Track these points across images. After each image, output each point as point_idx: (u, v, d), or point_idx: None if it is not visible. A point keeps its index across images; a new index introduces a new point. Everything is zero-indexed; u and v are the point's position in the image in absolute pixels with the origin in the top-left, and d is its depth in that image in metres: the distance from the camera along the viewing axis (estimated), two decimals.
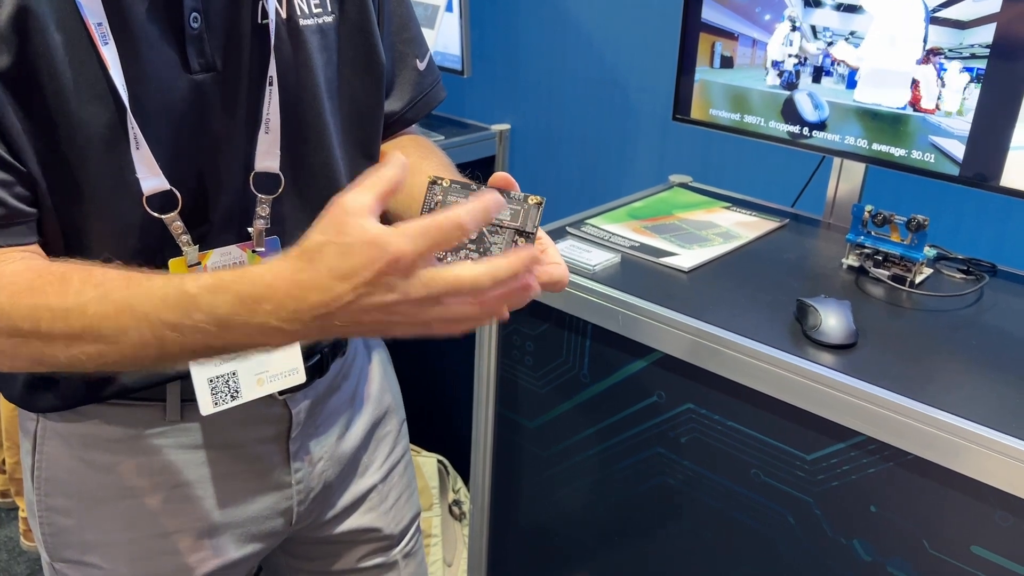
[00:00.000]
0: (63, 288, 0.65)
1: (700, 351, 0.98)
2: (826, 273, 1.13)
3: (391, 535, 1.06)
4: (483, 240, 0.67)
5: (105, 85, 0.69)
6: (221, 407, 0.82)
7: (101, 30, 0.68)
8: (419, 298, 0.57)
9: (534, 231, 0.66)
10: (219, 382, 0.81)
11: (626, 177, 1.85)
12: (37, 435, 0.86)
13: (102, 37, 0.68)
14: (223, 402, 0.82)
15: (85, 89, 0.69)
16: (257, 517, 0.92)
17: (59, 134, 0.69)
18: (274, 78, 0.77)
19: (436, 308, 0.59)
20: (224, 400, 0.82)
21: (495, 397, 1.26)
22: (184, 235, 0.76)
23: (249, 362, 0.82)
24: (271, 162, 0.80)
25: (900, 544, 0.90)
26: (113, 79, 0.69)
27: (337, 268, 0.56)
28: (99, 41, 0.68)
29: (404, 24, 0.94)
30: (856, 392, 0.87)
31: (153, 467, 0.86)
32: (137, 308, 0.62)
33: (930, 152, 1.10)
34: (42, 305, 0.64)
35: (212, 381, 0.81)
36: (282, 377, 0.85)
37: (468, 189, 0.67)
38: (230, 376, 0.82)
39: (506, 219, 0.66)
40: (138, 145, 0.71)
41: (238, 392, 0.83)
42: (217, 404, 0.82)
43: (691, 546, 1.09)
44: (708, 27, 1.25)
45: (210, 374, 0.81)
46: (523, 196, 0.67)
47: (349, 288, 0.56)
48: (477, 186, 0.68)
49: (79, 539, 0.88)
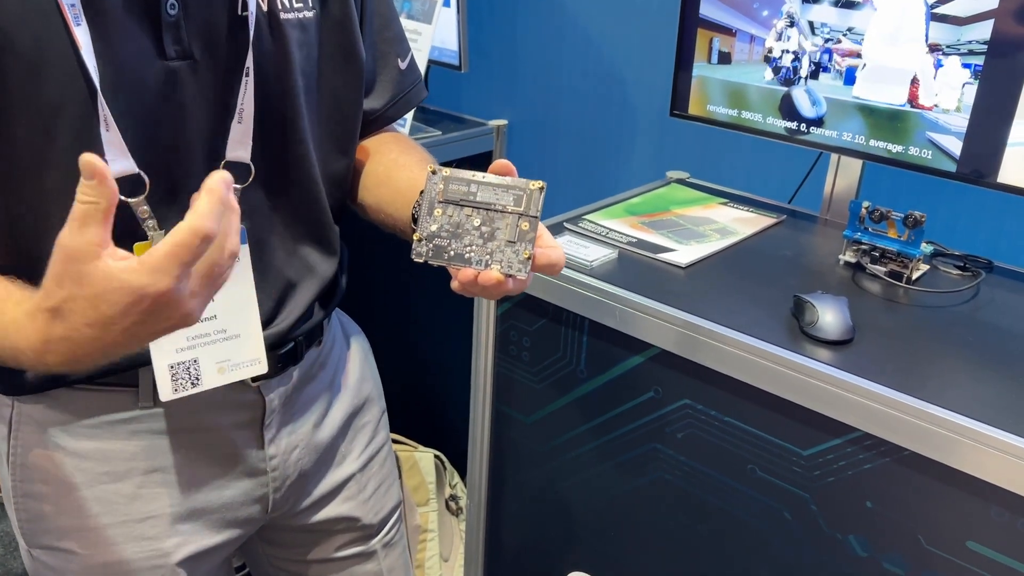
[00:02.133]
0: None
1: (697, 347, 0.98)
2: (823, 269, 1.13)
3: (370, 524, 1.06)
4: (490, 222, 0.69)
5: (76, 65, 0.69)
6: (181, 394, 0.82)
7: (74, 11, 0.68)
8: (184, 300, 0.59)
9: (537, 215, 0.67)
10: (179, 368, 0.81)
11: (623, 173, 1.85)
12: (12, 421, 0.86)
13: (75, 18, 0.68)
14: (183, 389, 0.82)
15: (54, 68, 0.69)
16: (232, 503, 0.92)
17: (21, 112, 0.69)
18: (251, 69, 0.77)
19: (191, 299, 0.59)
20: (184, 387, 0.82)
21: (492, 392, 1.26)
22: (150, 220, 0.76)
23: (211, 350, 0.83)
24: (242, 152, 0.80)
25: (896, 540, 0.90)
26: (84, 59, 0.69)
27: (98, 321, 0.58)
28: (72, 21, 0.68)
29: (386, 23, 0.95)
30: (853, 388, 0.87)
31: (127, 452, 0.86)
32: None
33: (927, 148, 1.10)
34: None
35: (172, 367, 0.81)
36: (244, 366, 0.85)
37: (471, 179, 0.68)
38: (191, 363, 0.82)
39: (510, 204, 0.67)
40: (107, 126, 0.71)
41: (199, 379, 0.83)
42: (177, 391, 0.82)
43: (688, 541, 1.09)
44: (706, 23, 1.25)
45: (171, 360, 0.81)
46: (525, 182, 0.68)
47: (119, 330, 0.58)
48: (480, 174, 0.68)
49: (55, 525, 0.88)
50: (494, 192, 0.68)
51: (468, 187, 0.68)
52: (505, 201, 0.68)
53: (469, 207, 0.69)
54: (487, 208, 0.68)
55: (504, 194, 0.68)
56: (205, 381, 0.83)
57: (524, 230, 0.67)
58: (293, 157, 0.85)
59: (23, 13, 0.67)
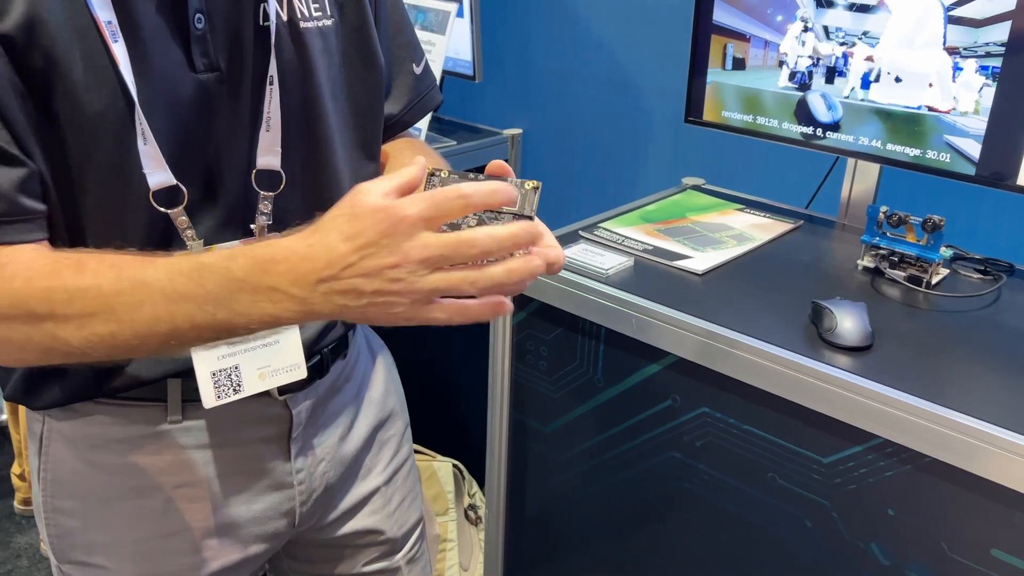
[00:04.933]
0: (79, 269, 0.67)
1: (715, 354, 0.98)
2: (841, 275, 1.13)
3: (394, 538, 1.06)
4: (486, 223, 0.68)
5: (115, 81, 0.70)
6: (224, 400, 0.82)
7: (111, 28, 0.69)
8: (419, 259, 0.59)
9: (532, 215, 0.67)
10: (222, 375, 0.82)
11: (638, 180, 1.85)
12: (43, 437, 0.87)
13: (112, 35, 0.69)
14: (226, 395, 0.82)
15: (95, 85, 0.70)
16: (260, 517, 0.92)
17: (68, 130, 0.70)
18: (274, 78, 0.79)
19: (435, 276, 0.61)
20: (227, 393, 0.82)
21: (509, 402, 1.26)
22: (189, 230, 0.78)
23: (251, 356, 0.83)
24: (272, 159, 0.81)
25: (919, 548, 0.89)
26: (123, 75, 0.70)
27: (344, 230, 0.60)
28: (109, 38, 0.69)
29: (400, 29, 0.96)
30: (873, 395, 0.86)
31: (156, 467, 0.87)
32: (152, 282, 0.65)
33: (945, 152, 1.09)
34: (57, 287, 0.66)
35: (215, 375, 0.82)
36: (284, 372, 0.86)
37: (466, 179, 0.68)
38: (232, 370, 0.82)
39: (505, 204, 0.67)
40: (146, 140, 0.72)
41: (240, 386, 0.83)
42: (220, 397, 0.82)
43: (707, 550, 1.08)
44: (720, 29, 1.25)
45: (213, 367, 0.81)
46: (520, 182, 0.68)
47: (353, 248, 0.60)
48: (475, 175, 0.68)
49: (85, 540, 0.88)
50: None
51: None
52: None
53: None
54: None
55: None
56: (247, 387, 0.83)
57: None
58: (321, 163, 0.86)
59: (65, 32, 0.68)
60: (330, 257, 0.60)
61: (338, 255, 0.60)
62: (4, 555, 2.03)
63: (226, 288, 0.63)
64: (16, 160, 0.69)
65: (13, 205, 0.69)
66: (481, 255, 0.61)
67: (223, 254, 0.64)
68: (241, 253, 0.63)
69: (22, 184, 0.69)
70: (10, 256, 0.69)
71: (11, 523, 2.13)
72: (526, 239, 0.62)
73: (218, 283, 0.63)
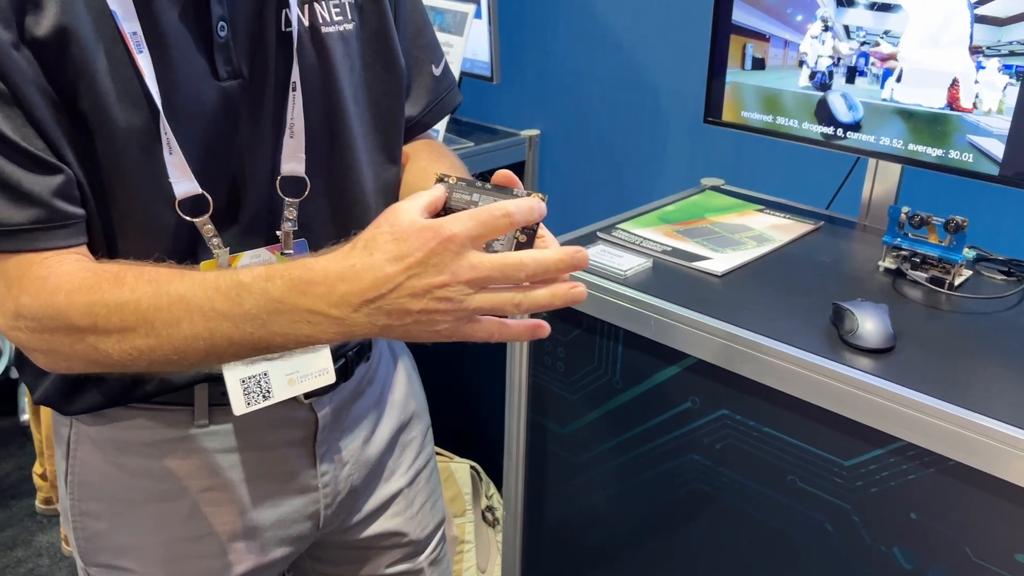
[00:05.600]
0: (118, 284, 0.67)
1: (734, 356, 0.97)
2: (862, 276, 1.12)
3: (416, 540, 1.06)
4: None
5: (140, 91, 0.71)
6: (253, 407, 0.83)
7: (136, 39, 0.70)
8: (467, 279, 0.59)
9: (535, 228, 0.66)
10: (251, 382, 0.82)
11: (657, 181, 1.84)
12: (70, 440, 0.88)
13: (137, 45, 0.70)
14: (255, 402, 0.83)
15: (121, 95, 0.70)
16: (285, 520, 0.93)
17: (97, 140, 0.71)
18: (297, 83, 0.79)
19: (481, 295, 0.61)
20: (256, 400, 0.83)
21: (527, 403, 1.25)
22: (215, 238, 0.78)
23: (280, 362, 0.83)
24: (296, 165, 0.81)
25: (942, 552, 0.88)
26: (148, 85, 0.70)
27: (391, 251, 0.60)
28: (134, 49, 0.70)
29: (419, 30, 0.96)
30: (895, 397, 0.85)
31: (183, 470, 0.87)
32: (190, 299, 0.65)
33: (968, 152, 1.08)
34: (98, 301, 0.66)
35: (244, 381, 0.82)
36: (312, 377, 0.86)
37: (473, 187, 0.68)
38: (261, 376, 0.83)
39: None
40: (171, 150, 0.73)
41: (270, 392, 0.83)
42: (250, 404, 0.82)
43: (726, 554, 1.08)
44: (739, 29, 1.24)
45: (242, 374, 0.82)
46: (526, 193, 0.68)
47: (401, 268, 0.59)
48: (482, 184, 0.68)
49: (112, 543, 0.89)
50: (494, 202, 0.68)
51: (471, 195, 0.68)
52: None
53: None
54: None
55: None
56: (276, 393, 0.84)
57: (522, 243, 0.66)
58: (344, 168, 0.86)
59: (93, 43, 0.69)
60: (376, 278, 0.60)
61: (385, 276, 0.59)
62: (26, 553, 2.05)
63: (264, 309, 0.63)
64: (52, 167, 0.69)
65: (53, 211, 0.69)
66: (528, 279, 0.62)
67: (260, 273, 0.63)
68: (278, 274, 0.63)
69: (60, 190, 0.70)
70: (52, 267, 0.69)
71: (33, 522, 2.15)
72: (572, 266, 0.63)
73: (256, 304, 0.63)
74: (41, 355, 0.71)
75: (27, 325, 0.69)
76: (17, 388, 2.48)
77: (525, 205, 0.62)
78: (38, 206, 0.68)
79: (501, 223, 0.60)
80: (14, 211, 0.68)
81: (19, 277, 0.69)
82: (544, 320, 0.69)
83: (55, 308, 0.67)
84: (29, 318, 0.68)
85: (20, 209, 0.68)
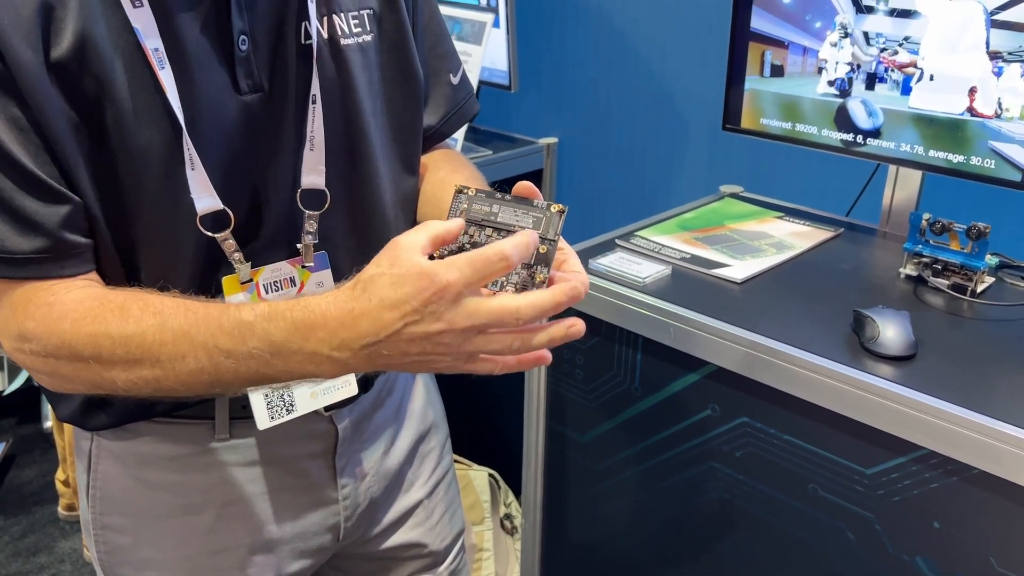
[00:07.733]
0: (123, 316, 0.67)
1: (754, 364, 0.97)
2: (883, 283, 1.11)
3: (436, 551, 1.06)
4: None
5: (162, 108, 0.71)
6: (277, 421, 0.83)
7: (158, 55, 0.70)
8: (463, 327, 0.60)
9: (555, 239, 0.67)
10: (274, 397, 0.83)
11: (675, 188, 1.84)
12: (92, 455, 0.88)
13: (159, 61, 0.70)
14: (279, 416, 0.83)
15: (143, 112, 0.71)
16: (306, 533, 0.93)
17: (118, 158, 0.71)
18: (317, 96, 0.79)
19: (479, 338, 0.62)
20: (280, 414, 0.83)
21: (546, 411, 1.25)
22: (236, 252, 0.78)
23: None
24: (316, 178, 0.81)
25: (966, 561, 0.87)
26: (170, 102, 0.71)
27: (388, 298, 0.60)
28: (156, 65, 0.70)
29: (437, 40, 0.96)
30: (917, 405, 0.85)
31: (204, 484, 0.87)
32: (194, 336, 0.65)
33: (990, 158, 1.07)
34: (103, 333, 0.67)
35: (267, 396, 0.82)
36: (335, 390, 0.86)
37: (493, 198, 0.68)
38: (284, 390, 0.83)
39: (528, 226, 0.67)
40: (193, 166, 0.73)
41: (293, 406, 0.84)
42: (273, 418, 0.83)
43: (747, 562, 1.07)
44: (757, 36, 1.24)
45: (265, 389, 0.82)
46: (546, 204, 0.68)
47: (398, 316, 0.60)
48: (501, 195, 0.68)
49: (134, 557, 0.89)
50: (514, 213, 0.68)
51: (490, 207, 0.68)
52: (524, 223, 0.67)
53: (490, 227, 0.68)
54: (507, 229, 0.67)
55: (524, 216, 0.68)
56: (299, 407, 0.84)
57: (542, 253, 0.66)
58: (364, 179, 0.86)
59: (115, 61, 0.69)
60: (374, 324, 0.60)
61: (383, 323, 0.60)
62: (48, 559, 2.07)
63: (266, 350, 0.63)
64: (62, 196, 0.69)
65: (58, 241, 0.70)
66: (524, 323, 0.62)
67: (263, 312, 0.64)
68: (280, 315, 0.63)
69: (66, 220, 0.70)
70: (58, 294, 0.70)
71: (55, 528, 2.16)
72: (566, 303, 0.63)
73: (259, 345, 0.63)
74: (45, 377, 0.72)
75: (31, 348, 0.69)
76: (40, 396, 2.51)
77: (522, 243, 0.62)
78: (44, 236, 0.69)
79: (499, 267, 0.60)
80: (22, 240, 0.68)
81: (25, 303, 0.70)
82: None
83: (59, 336, 0.68)
84: (33, 342, 0.69)
85: (28, 238, 0.69)
